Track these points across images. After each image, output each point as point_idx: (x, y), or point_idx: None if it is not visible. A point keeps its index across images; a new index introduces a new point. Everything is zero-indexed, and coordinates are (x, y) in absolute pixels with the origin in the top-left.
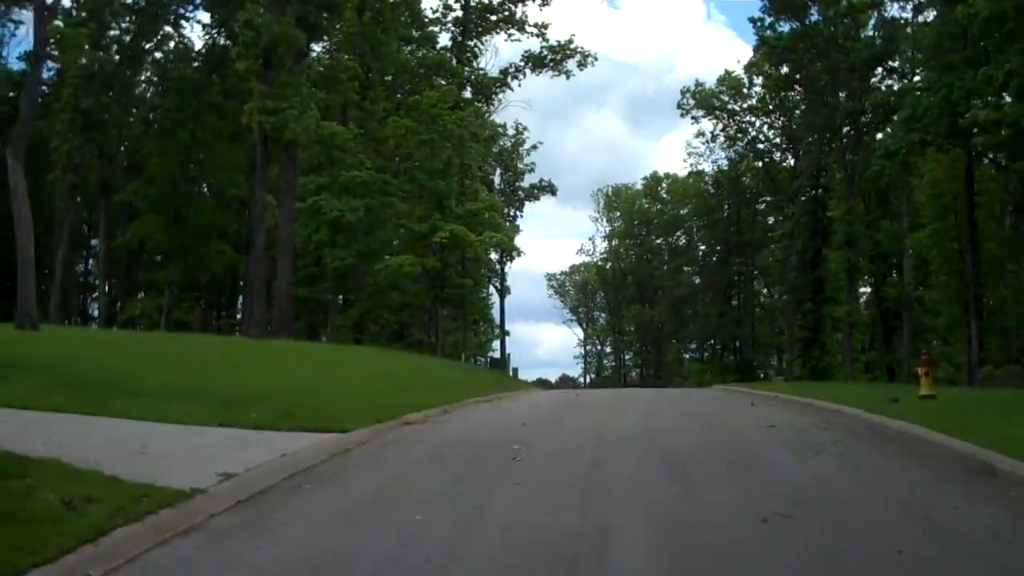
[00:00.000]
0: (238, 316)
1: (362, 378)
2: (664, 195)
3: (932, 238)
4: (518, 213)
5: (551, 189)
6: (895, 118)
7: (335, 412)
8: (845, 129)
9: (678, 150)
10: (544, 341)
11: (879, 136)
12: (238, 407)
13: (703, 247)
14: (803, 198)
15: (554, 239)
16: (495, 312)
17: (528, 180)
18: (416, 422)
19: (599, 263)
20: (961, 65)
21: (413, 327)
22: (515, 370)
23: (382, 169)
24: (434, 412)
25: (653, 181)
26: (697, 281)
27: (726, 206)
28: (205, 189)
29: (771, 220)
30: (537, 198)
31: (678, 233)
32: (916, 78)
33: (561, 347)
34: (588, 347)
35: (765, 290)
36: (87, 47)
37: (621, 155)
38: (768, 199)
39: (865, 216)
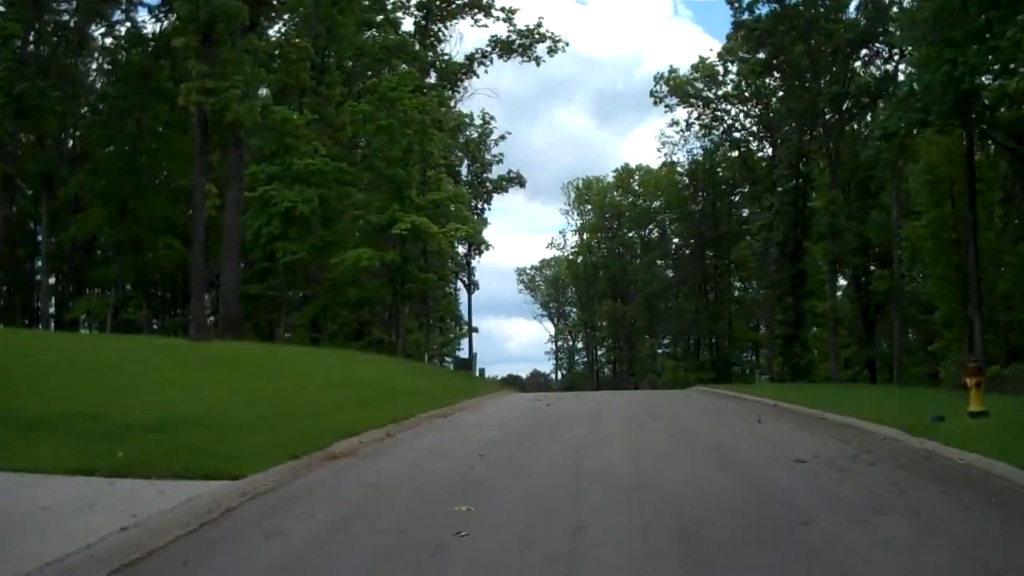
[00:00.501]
0: (190, 317)
1: (297, 390)
2: (636, 187)
3: (929, 227)
4: (486, 206)
5: (519, 181)
6: (893, 96)
7: (239, 446)
8: (827, 115)
9: (647, 145)
10: (515, 336)
11: (869, 118)
12: (115, 441)
13: (676, 240)
14: (782, 188)
15: (524, 234)
16: (463, 308)
17: (496, 172)
18: (345, 455)
19: (570, 257)
20: (963, 40)
21: (373, 325)
22: (482, 371)
23: (339, 157)
24: (374, 437)
25: (625, 173)
26: (671, 275)
27: (700, 197)
28: (157, 181)
29: (747, 212)
30: (505, 190)
31: (651, 226)
32: (907, 56)
33: (532, 342)
34: (560, 343)
35: (740, 284)
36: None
37: (590, 150)
38: (745, 190)
39: (846, 207)
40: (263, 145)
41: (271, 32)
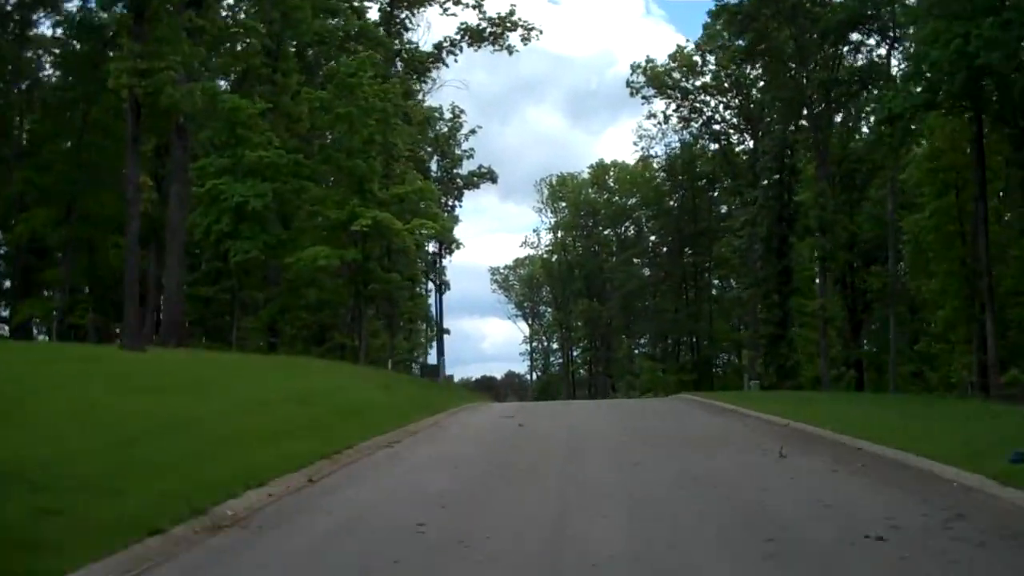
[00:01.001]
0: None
1: (219, 414)
2: (612, 184)
3: (932, 219)
4: (457, 203)
5: (491, 176)
6: (885, 82)
7: (74, 518)
8: (814, 104)
9: (621, 144)
10: (490, 335)
11: (857, 108)
12: None
13: (653, 238)
14: (766, 181)
15: (497, 233)
16: (434, 309)
17: (467, 167)
18: (237, 521)
19: (544, 256)
20: (971, 14)
21: (335, 329)
22: (450, 377)
23: (296, 150)
24: (289, 486)
25: (600, 170)
26: (648, 274)
27: (679, 193)
28: (107, 176)
29: (728, 207)
30: (476, 186)
31: (627, 224)
32: (903, 37)
33: (507, 341)
34: (534, 344)
35: (717, 282)
36: None
37: (562, 149)
38: (725, 184)
39: (834, 200)
40: (213, 136)
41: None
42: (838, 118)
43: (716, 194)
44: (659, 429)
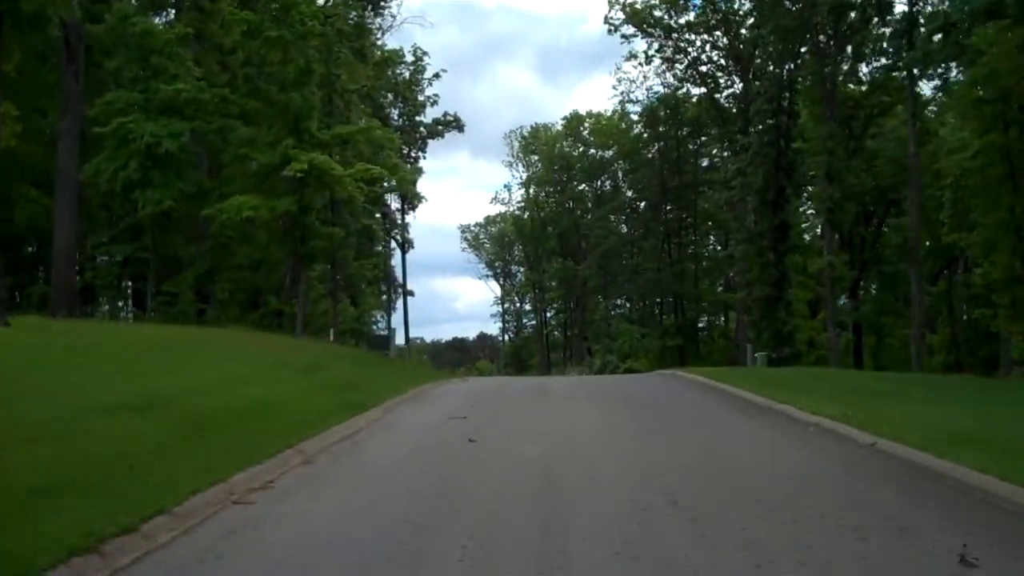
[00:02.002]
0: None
1: (52, 421)
2: (587, 136)
3: (977, 160)
4: (420, 154)
5: (457, 125)
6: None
7: None
8: (821, 34)
9: (593, 101)
10: (463, 295)
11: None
12: None
13: (631, 193)
14: (760, 126)
15: (470, 191)
16: (399, 271)
17: (432, 116)
18: None
19: (516, 213)
20: None
21: (272, 293)
22: (405, 348)
23: (223, 84)
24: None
25: (574, 121)
26: (625, 230)
27: (661, 144)
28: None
29: (708, 162)
30: (441, 135)
31: (604, 178)
32: None
33: (482, 301)
34: (507, 305)
35: (706, 239)
36: None
37: (534, 107)
38: (712, 132)
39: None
40: (123, 66)
41: None
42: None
43: (701, 146)
44: (689, 452)
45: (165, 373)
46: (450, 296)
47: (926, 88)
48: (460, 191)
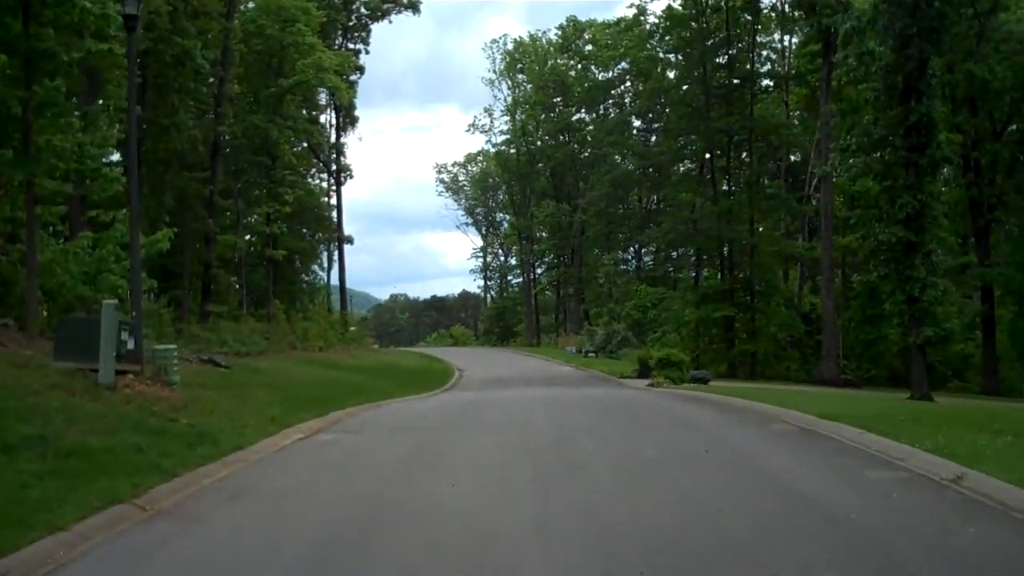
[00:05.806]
0: None
1: None
2: (587, 49)
3: None
4: (362, 46)
5: (412, 5)
6: None
7: None
8: None
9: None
10: (450, 252)
11: None
12: None
13: (638, 123)
14: None
15: (460, 147)
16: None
17: None
18: None
19: (500, 147)
20: None
21: None
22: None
23: None
24: None
25: (572, 29)
26: (631, 167)
27: (702, 20)
28: None
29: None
30: (386, 14)
31: (608, 104)
32: None
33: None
34: (490, 259)
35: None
36: None
37: None
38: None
39: None
40: None
41: None
42: None
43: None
44: None
45: None
46: (439, 252)
47: None
48: (450, 147)
